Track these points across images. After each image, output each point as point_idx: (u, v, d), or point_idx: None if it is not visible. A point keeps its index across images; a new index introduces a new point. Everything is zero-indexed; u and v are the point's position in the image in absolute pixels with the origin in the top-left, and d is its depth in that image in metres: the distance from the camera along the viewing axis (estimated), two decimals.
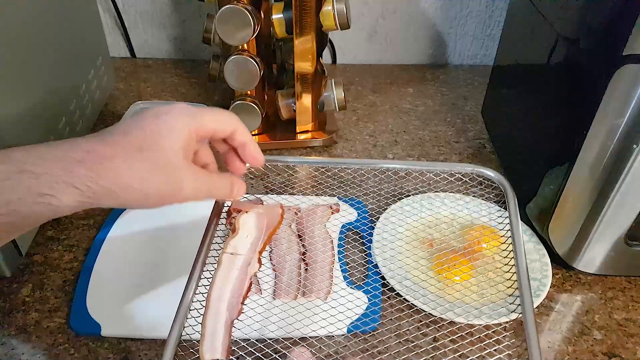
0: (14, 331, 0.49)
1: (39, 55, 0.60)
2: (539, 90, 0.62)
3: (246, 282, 0.44)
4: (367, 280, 0.55)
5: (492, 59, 0.80)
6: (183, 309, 0.42)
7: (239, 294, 0.43)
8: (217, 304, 0.42)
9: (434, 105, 0.91)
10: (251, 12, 0.63)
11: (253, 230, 0.48)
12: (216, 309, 0.42)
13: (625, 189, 0.49)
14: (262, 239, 0.47)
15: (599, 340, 0.51)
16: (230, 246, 0.46)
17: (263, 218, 0.49)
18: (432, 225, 0.61)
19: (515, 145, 0.70)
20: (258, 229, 0.48)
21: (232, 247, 0.46)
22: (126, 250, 0.57)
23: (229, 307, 0.42)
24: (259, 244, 0.47)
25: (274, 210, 0.50)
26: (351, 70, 1.02)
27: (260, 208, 0.50)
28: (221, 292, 0.43)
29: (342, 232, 0.61)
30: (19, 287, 0.54)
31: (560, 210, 0.55)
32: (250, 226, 0.48)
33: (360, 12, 0.98)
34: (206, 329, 0.41)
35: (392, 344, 0.49)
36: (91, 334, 0.49)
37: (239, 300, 0.43)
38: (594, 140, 0.49)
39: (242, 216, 0.48)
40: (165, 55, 1.03)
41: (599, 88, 0.47)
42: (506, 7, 0.76)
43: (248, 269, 0.45)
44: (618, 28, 0.45)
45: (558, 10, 0.56)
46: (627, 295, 0.56)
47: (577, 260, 0.56)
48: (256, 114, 0.72)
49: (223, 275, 0.44)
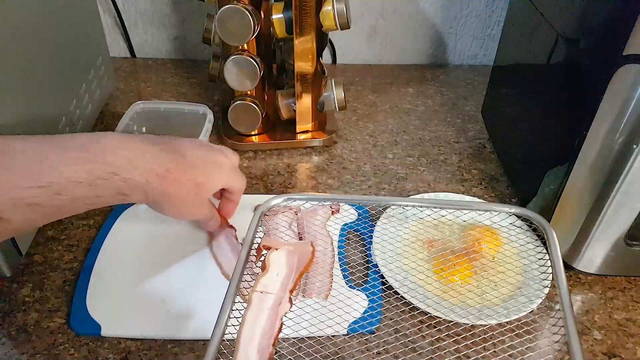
0: (14, 331, 0.49)
1: (39, 55, 0.60)
2: (539, 90, 0.62)
3: (277, 323, 0.42)
4: (367, 281, 0.55)
5: (492, 58, 0.80)
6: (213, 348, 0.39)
7: (270, 336, 0.41)
8: (246, 346, 0.40)
9: (434, 105, 0.91)
10: (251, 12, 0.63)
11: (284, 268, 0.46)
12: (246, 352, 0.40)
13: (625, 189, 0.49)
14: (292, 278, 0.46)
15: (599, 340, 0.51)
16: (260, 284, 0.44)
17: (294, 255, 0.47)
18: (432, 226, 0.61)
19: (515, 145, 0.70)
20: (289, 266, 0.47)
21: (263, 285, 0.44)
22: (126, 250, 0.57)
23: (260, 350, 0.40)
24: (290, 282, 0.45)
25: (304, 248, 0.49)
26: (351, 70, 1.02)
27: (291, 245, 0.49)
28: (252, 333, 0.41)
29: (343, 233, 0.61)
30: (19, 287, 0.54)
31: (560, 210, 0.55)
32: (281, 264, 0.47)
33: (360, 12, 0.98)
34: None
35: (392, 345, 0.49)
36: (91, 334, 0.49)
37: (270, 342, 0.41)
38: (594, 140, 0.49)
39: (273, 253, 0.47)
40: (165, 55, 1.03)
41: (599, 88, 0.47)
42: (506, 7, 0.76)
43: (279, 308, 0.43)
44: (618, 28, 0.45)
45: (558, 10, 0.56)
46: (627, 295, 0.56)
47: (577, 260, 0.56)
48: (256, 114, 0.72)
49: (253, 315, 0.42)
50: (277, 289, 0.44)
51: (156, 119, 0.69)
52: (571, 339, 0.42)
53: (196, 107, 0.70)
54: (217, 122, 0.76)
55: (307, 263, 0.48)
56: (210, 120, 0.68)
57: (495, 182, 0.73)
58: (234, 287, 0.44)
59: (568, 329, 0.42)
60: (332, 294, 0.52)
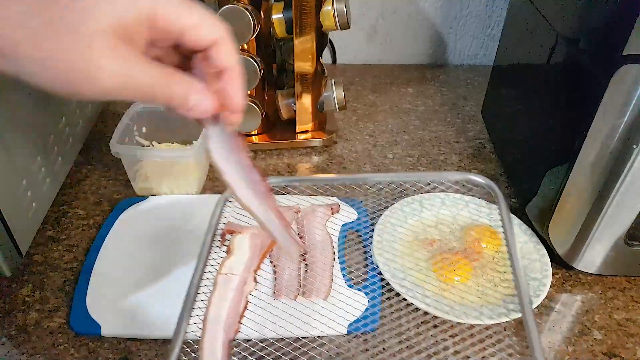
0: (14, 331, 0.49)
1: None
2: (539, 90, 0.62)
3: (242, 302, 0.44)
4: (367, 281, 0.55)
5: (492, 58, 0.80)
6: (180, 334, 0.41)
7: (236, 314, 0.44)
8: (214, 325, 0.43)
9: (434, 105, 0.91)
10: (251, 12, 0.63)
11: (247, 250, 0.48)
12: (213, 330, 0.42)
13: (625, 189, 0.49)
14: (257, 259, 0.48)
15: (599, 340, 0.51)
16: (225, 267, 0.46)
17: (257, 238, 0.49)
18: (432, 226, 0.61)
19: (515, 145, 0.70)
20: (252, 249, 0.48)
21: (227, 268, 0.46)
22: (126, 250, 0.57)
23: (226, 328, 0.43)
24: (254, 263, 0.47)
25: None
26: (351, 70, 1.02)
27: (254, 229, 0.50)
28: (218, 314, 0.43)
29: (342, 233, 0.61)
30: (18, 287, 0.54)
31: (560, 210, 0.55)
32: (245, 247, 0.48)
33: (360, 12, 0.98)
34: (204, 350, 0.41)
35: (392, 345, 0.48)
36: (91, 334, 0.49)
37: (236, 320, 0.43)
38: (594, 140, 0.49)
39: (237, 237, 0.49)
40: None
41: (599, 88, 0.47)
42: (506, 7, 0.76)
43: (244, 288, 0.45)
44: (618, 28, 0.45)
45: (558, 11, 0.56)
46: (627, 295, 0.56)
47: (577, 260, 0.56)
48: (256, 114, 0.72)
49: (219, 296, 0.44)
50: (241, 271, 0.46)
51: (156, 120, 0.69)
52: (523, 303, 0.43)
53: None
54: None
55: (270, 244, 0.49)
56: None
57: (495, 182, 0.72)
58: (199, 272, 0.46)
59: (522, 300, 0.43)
60: (332, 294, 0.52)
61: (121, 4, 0.27)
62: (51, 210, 0.64)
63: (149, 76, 0.28)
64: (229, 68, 0.30)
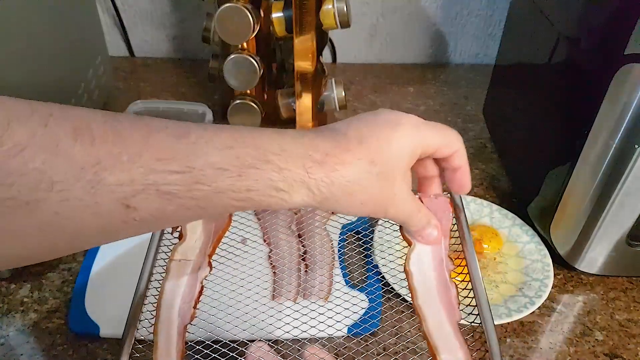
0: (13, 332, 0.49)
1: (38, 54, 0.60)
2: (540, 90, 0.62)
3: (197, 287, 0.43)
4: (367, 282, 0.54)
5: (493, 58, 0.79)
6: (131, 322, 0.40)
7: (190, 298, 0.42)
8: (167, 311, 0.42)
9: (435, 105, 0.91)
10: (251, 10, 0.63)
11: (201, 235, 0.46)
12: (167, 316, 0.41)
13: (626, 189, 0.49)
14: (210, 243, 0.46)
15: (600, 341, 0.51)
16: (178, 253, 0.45)
17: (210, 222, 0.48)
18: None
19: (516, 145, 0.70)
20: (206, 233, 0.47)
21: (181, 254, 0.45)
22: (125, 251, 0.57)
23: (181, 313, 0.42)
24: (208, 247, 0.46)
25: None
26: (351, 70, 1.01)
27: None
28: (172, 300, 0.42)
29: (342, 233, 0.60)
30: (17, 288, 0.54)
31: (562, 210, 0.55)
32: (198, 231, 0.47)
33: (361, 11, 0.98)
34: (159, 336, 0.40)
35: (392, 345, 0.48)
36: (90, 335, 0.49)
37: (191, 305, 0.42)
38: (596, 140, 0.49)
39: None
40: (164, 55, 1.03)
41: (600, 88, 0.46)
42: (507, 6, 0.76)
43: (199, 273, 0.44)
44: (619, 28, 0.44)
45: (559, 10, 0.56)
46: (629, 296, 0.56)
47: (579, 260, 0.55)
48: (256, 113, 0.72)
49: (172, 283, 0.43)
50: (195, 255, 0.45)
51: None
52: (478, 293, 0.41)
53: (195, 107, 0.70)
54: (216, 121, 0.75)
55: (224, 227, 0.48)
56: (210, 120, 0.68)
57: (496, 182, 0.72)
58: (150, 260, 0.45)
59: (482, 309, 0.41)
60: (332, 295, 0.52)
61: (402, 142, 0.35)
62: None
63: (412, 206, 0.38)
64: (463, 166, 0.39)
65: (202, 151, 0.30)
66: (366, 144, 0.34)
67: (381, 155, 0.34)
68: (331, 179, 0.33)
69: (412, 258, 0.42)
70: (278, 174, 0.31)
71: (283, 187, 0.32)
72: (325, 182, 0.33)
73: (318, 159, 0.32)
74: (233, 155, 0.30)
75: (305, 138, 0.33)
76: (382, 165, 0.34)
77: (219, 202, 0.31)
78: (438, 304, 0.41)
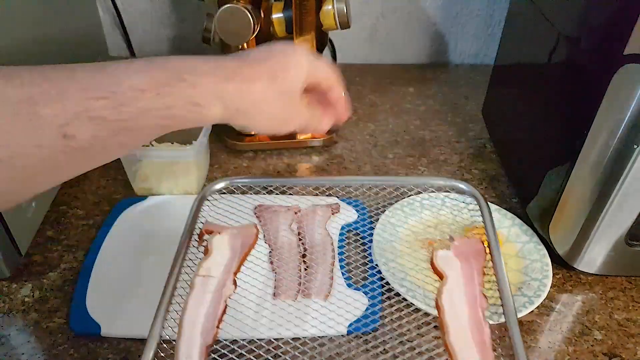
0: (14, 331, 0.49)
1: (38, 54, 0.60)
2: (540, 90, 0.62)
3: (221, 305, 0.42)
4: (367, 281, 0.54)
5: (493, 58, 0.80)
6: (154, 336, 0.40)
7: (214, 318, 0.42)
8: (190, 329, 0.41)
9: (435, 105, 0.91)
10: (251, 11, 0.63)
11: (227, 251, 0.46)
12: (190, 334, 0.40)
13: (625, 189, 0.49)
14: (236, 260, 0.45)
15: (599, 341, 0.51)
16: (203, 268, 0.44)
17: (237, 239, 0.47)
18: (432, 226, 0.61)
19: (516, 145, 0.70)
20: (232, 250, 0.46)
21: (205, 270, 0.44)
22: (126, 250, 0.57)
23: (203, 332, 0.41)
24: (233, 265, 0.45)
25: (248, 230, 0.48)
26: (351, 70, 1.02)
27: (234, 229, 0.48)
28: (195, 317, 0.41)
29: (342, 233, 0.60)
30: (18, 287, 0.54)
31: (561, 210, 0.55)
32: (224, 248, 0.46)
33: (361, 12, 0.98)
34: (179, 354, 0.39)
35: (392, 345, 0.48)
36: (91, 334, 0.49)
37: (214, 324, 0.41)
38: (595, 140, 0.49)
39: (215, 237, 0.47)
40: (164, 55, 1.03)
41: (600, 88, 0.46)
42: (507, 6, 0.76)
43: (222, 291, 0.43)
44: (619, 28, 0.45)
45: (559, 10, 0.56)
46: (628, 296, 0.56)
47: (578, 260, 0.55)
48: None
49: (196, 299, 0.42)
50: (220, 272, 0.44)
51: None
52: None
53: None
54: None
55: (250, 245, 0.47)
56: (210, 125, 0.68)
57: (496, 182, 0.72)
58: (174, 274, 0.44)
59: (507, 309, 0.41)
60: (332, 294, 0.52)
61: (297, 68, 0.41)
62: (51, 210, 0.64)
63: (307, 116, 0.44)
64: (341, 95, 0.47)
65: (121, 77, 0.34)
66: (267, 64, 0.40)
67: (280, 74, 0.40)
68: (241, 93, 0.38)
69: (444, 292, 0.42)
70: (194, 90, 0.36)
71: (200, 102, 0.37)
72: (236, 95, 0.38)
73: (228, 75, 0.38)
74: (148, 76, 0.35)
75: (213, 59, 0.38)
76: (281, 84, 0.40)
77: (146, 123, 0.35)
78: (471, 344, 0.40)
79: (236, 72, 0.38)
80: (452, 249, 0.47)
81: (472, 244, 0.47)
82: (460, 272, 0.45)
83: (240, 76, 0.38)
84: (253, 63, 0.40)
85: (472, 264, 0.45)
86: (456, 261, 0.46)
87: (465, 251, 0.46)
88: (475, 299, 0.42)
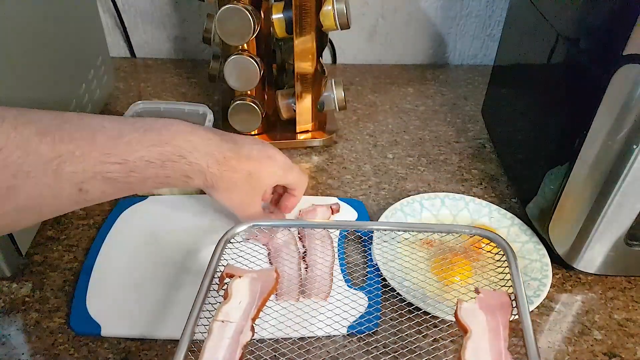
0: (14, 331, 0.49)
1: (39, 55, 0.60)
2: (539, 90, 0.62)
3: (238, 352, 0.41)
4: (367, 281, 0.55)
5: (493, 58, 0.80)
6: None
7: None
8: None
9: (434, 105, 0.91)
10: (251, 12, 0.63)
11: (246, 296, 0.45)
12: None
13: (625, 189, 0.49)
14: (255, 305, 0.45)
15: (599, 341, 0.51)
16: (221, 313, 0.43)
17: (257, 283, 0.46)
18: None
19: (515, 145, 0.70)
20: (251, 294, 0.46)
21: (224, 314, 0.43)
22: (126, 250, 0.57)
23: None
24: (252, 310, 0.44)
25: (268, 275, 0.47)
26: (351, 70, 1.02)
27: (254, 273, 0.48)
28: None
29: (342, 233, 0.61)
30: (18, 287, 0.54)
31: (561, 210, 0.55)
32: (244, 292, 0.45)
33: (360, 12, 0.98)
34: None
35: (392, 345, 0.48)
36: (91, 334, 0.49)
37: None
38: (594, 141, 0.49)
39: (235, 281, 0.46)
40: (165, 55, 1.03)
41: (599, 88, 0.47)
42: (506, 6, 0.76)
43: (240, 337, 0.42)
44: (618, 28, 0.45)
45: (558, 10, 0.56)
46: (627, 296, 0.56)
47: (577, 260, 0.56)
48: (256, 114, 0.72)
49: (213, 345, 0.41)
50: (238, 318, 0.43)
51: None
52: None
53: (196, 107, 0.70)
54: (217, 122, 0.76)
55: (270, 289, 0.46)
56: (210, 120, 0.68)
57: (495, 182, 0.73)
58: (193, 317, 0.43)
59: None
60: (331, 294, 0.52)
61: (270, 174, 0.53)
62: None
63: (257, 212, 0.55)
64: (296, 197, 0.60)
65: (134, 148, 0.42)
66: (251, 164, 0.51)
67: (256, 175, 0.51)
68: (222, 178, 0.49)
69: (468, 347, 0.41)
70: (189, 167, 0.46)
71: (190, 175, 0.46)
72: (218, 176, 0.48)
73: (219, 159, 0.48)
74: (157, 152, 0.43)
75: (212, 141, 0.48)
76: (255, 183, 0.52)
77: (146, 185, 0.44)
78: None
79: (226, 159, 0.48)
80: (477, 301, 0.45)
81: (498, 296, 0.46)
82: (486, 326, 0.43)
83: (228, 165, 0.48)
84: (242, 158, 0.50)
85: (498, 317, 0.44)
86: (481, 314, 0.44)
87: (491, 304, 0.45)
88: (500, 355, 0.41)
